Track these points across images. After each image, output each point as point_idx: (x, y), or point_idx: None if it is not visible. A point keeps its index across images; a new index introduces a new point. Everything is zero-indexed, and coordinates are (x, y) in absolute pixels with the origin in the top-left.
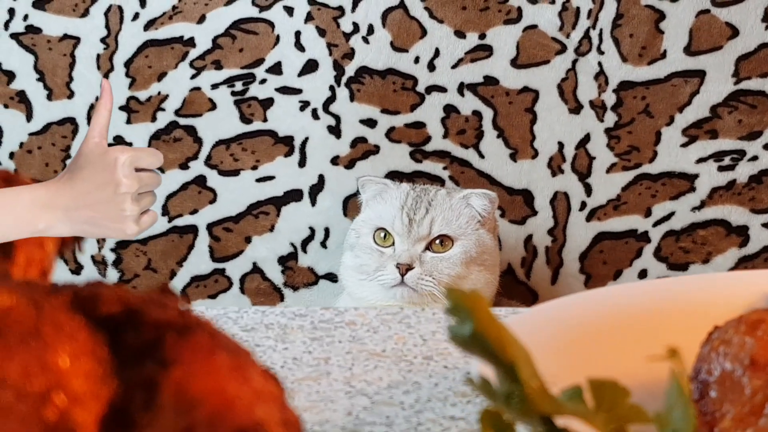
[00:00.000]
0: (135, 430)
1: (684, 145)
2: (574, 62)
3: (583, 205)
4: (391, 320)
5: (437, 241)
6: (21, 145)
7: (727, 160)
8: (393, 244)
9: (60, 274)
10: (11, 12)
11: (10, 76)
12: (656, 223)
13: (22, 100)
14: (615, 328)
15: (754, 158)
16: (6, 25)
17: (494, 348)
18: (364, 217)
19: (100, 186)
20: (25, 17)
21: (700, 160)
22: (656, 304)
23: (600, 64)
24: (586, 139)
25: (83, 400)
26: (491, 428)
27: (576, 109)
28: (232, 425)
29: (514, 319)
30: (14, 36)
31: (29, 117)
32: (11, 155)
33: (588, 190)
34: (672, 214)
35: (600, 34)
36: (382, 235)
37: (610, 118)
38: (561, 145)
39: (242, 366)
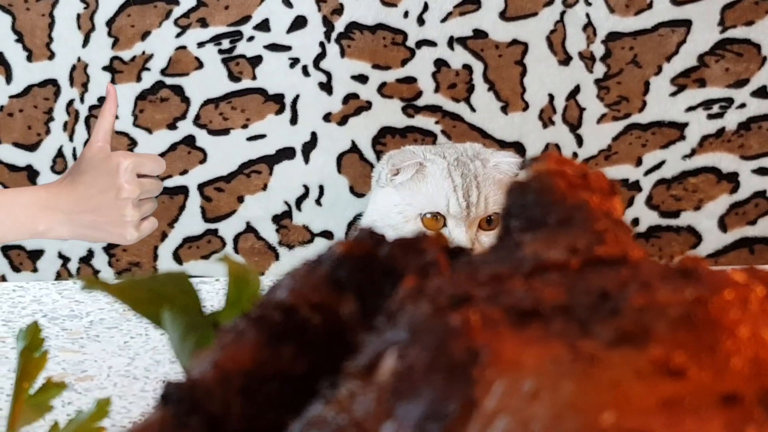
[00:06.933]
0: None
1: (673, 95)
2: (562, 14)
3: (575, 155)
4: None
5: (486, 219)
6: (2, 108)
7: (715, 108)
8: (444, 225)
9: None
10: None
11: None
12: (647, 172)
13: (0, 62)
14: None
15: (742, 106)
16: None
17: None
18: (409, 200)
19: (102, 190)
20: None
21: (689, 109)
22: None
23: (588, 15)
24: (576, 90)
25: None
26: None
27: (565, 60)
28: None
29: None
30: None
31: (9, 79)
32: None
33: (579, 141)
34: (662, 162)
35: None
36: (430, 217)
37: (599, 69)
38: (551, 96)
39: None
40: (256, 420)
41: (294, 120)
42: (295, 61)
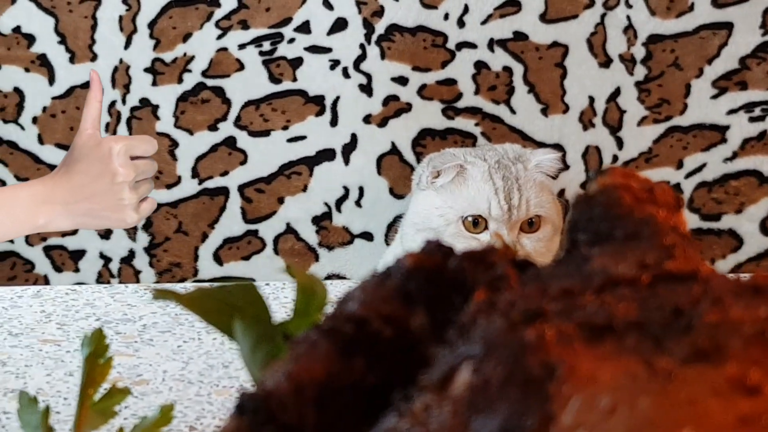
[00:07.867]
0: None
1: (714, 97)
2: (603, 16)
3: (615, 158)
4: None
5: (527, 221)
6: (44, 109)
7: (757, 111)
8: (485, 228)
9: (88, 236)
10: None
11: (30, 39)
12: (688, 175)
13: (43, 63)
14: None
15: None
16: None
17: None
18: (450, 203)
19: (97, 177)
20: None
21: (731, 112)
22: None
23: (628, 17)
24: (617, 92)
25: None
26: None
27: (606, 63)
28: None
29: None
30: None
31: (52, 81)
32: (34, 120)
33: (619, 143)
34: (704, 165)
35: None
36: (471, 220)
37: (640, 72)
38: (591, 99)
39: None
40: (329, 431)
41: (334, 122)
42: (335, 63)
